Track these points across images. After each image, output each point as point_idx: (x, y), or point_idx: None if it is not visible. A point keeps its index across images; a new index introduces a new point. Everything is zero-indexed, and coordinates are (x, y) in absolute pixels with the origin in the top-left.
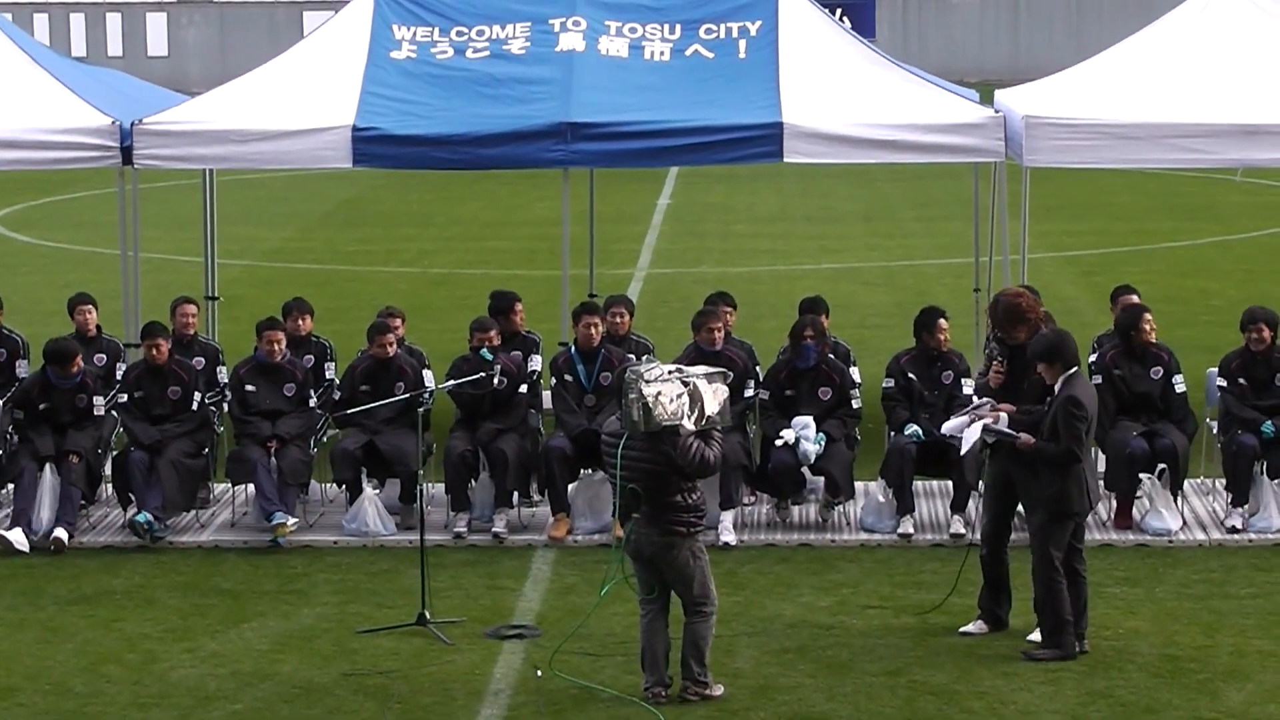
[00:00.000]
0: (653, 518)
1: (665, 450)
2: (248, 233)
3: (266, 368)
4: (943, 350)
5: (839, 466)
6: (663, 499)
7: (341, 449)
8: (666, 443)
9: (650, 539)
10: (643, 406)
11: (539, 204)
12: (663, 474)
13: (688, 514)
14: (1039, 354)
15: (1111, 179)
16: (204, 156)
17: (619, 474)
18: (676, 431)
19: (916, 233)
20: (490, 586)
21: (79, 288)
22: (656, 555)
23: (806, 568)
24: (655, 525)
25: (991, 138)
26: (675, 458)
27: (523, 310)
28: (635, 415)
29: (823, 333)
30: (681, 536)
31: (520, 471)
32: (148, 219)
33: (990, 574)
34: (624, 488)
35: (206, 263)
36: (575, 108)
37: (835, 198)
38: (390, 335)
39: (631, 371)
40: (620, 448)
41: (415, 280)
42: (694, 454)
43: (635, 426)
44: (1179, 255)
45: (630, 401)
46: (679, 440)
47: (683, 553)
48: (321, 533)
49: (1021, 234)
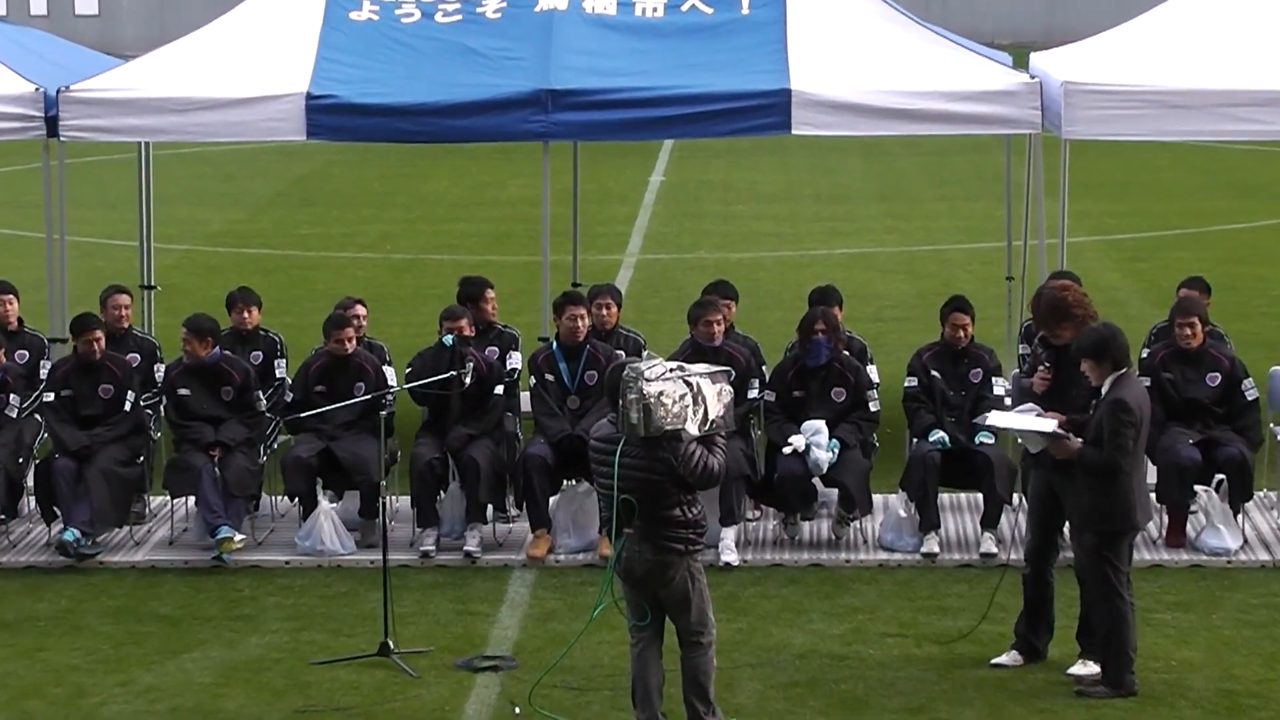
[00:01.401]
0: (647, 534)
1: (664, 457)
2: (188, 214)
3: (199, 369)
4: (969, 345)
5: (854, 477)
6: (659, 512)
7: (294, 457)
8: (666, 449)
9: (644, 557)
10: (643, 408)
11: (515, 182)
12: (660, 484)
13: (686, 530)
14: (1084, 351)
15: (1159, 153)
16: (139, 128)
17: (615, 483)
18: (678, 436)
19: (940, 214)
20: (461, 612)
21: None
22: (650, 576)
23: (817, 591)
24: (649, 542)
25: (1026, 107)
26: (676, 466)
27: (495, 299)
28: (634, 417)
29: (835, 326)
30: (679, 555)
31: (495, 482)
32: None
33: (1031, 596)
34: (618, 499)
35: (142, 248)
36: (556, 73)
37: (848, 174)
38: (349, 329)
39: (631, 369)
40: (619, 454)
41: (376, 267)
42: (697, 462)
43: (634, 430)
44: (1234, 239)
45: (629, 402)
46: (680, 446)
47: (680, 573)
48: (271, 551)
49: (1059, 215)
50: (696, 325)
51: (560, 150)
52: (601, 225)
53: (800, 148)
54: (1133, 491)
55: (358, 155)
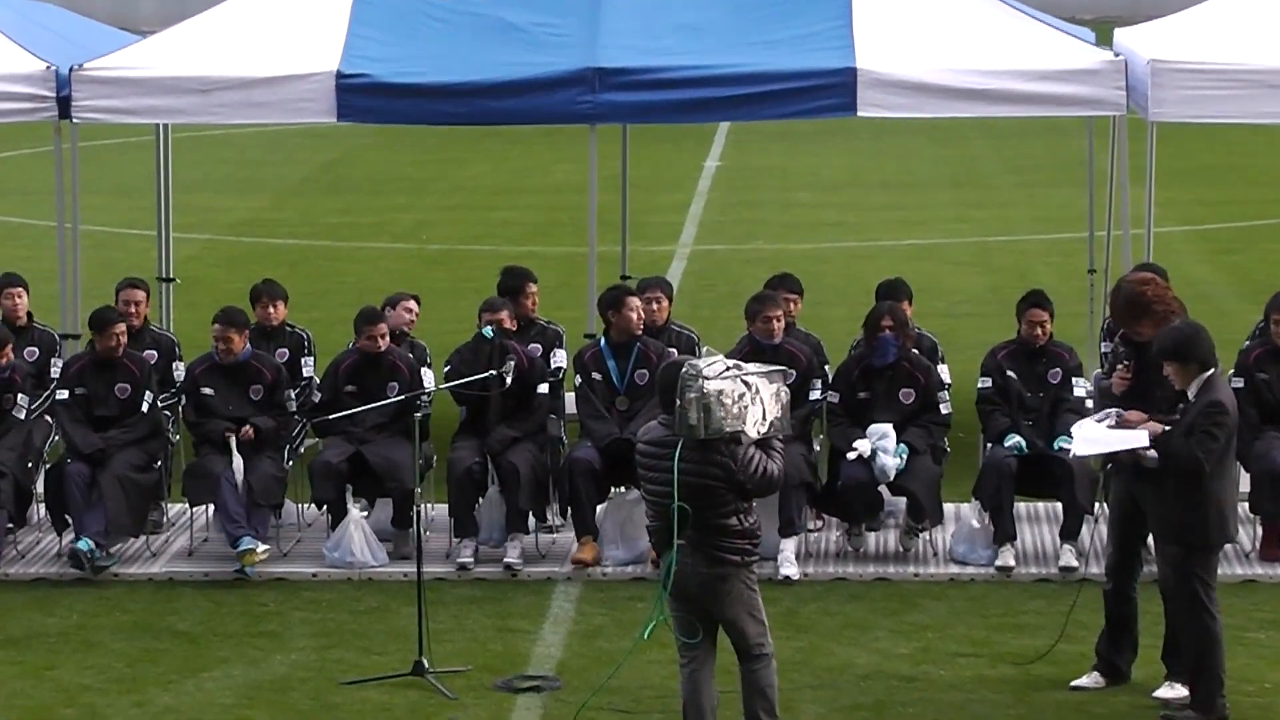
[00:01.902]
0: (699, 544)
1: (722, 461)
2: (209, 201)
3: (227, 368)
4: (1047, 343)
5: (924, 485)
6: (714, 521)
7: (322, 462)
8: (724, 453)
9: (697, 570)
10: (703, 407)
11: (559, 167)
12: (716, 490)
13: (743, 540)
14: (1167, 351)
15: (1253, 136)
16: (157, 109)
17: (675, 489)
18: (737, 439)
19: (1017, 202)
20: (501, 628)
21: (6, 267)
22: (705, 590)
23: (883, 607)
24: (702, 553)
25: (1110, 86)
26: (734, 471)
27: (537, 292)
28: (693, 418)
29: (904, 323)
30: (735, 567)
31: (537, 488)
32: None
33: (1114, 614)
34: (672, 507)
35: (159, 238)
36: (604, 50)
37: (918, 160)
38: (382, 325)
39: (690, 366)
40: (678, 457)
41: (410, 258)
42: (756, 466)
43: (692, 431)
44: None
45: (688, 401)
46: (739, 450)
47: (736, 586)
48: (298, 563)
49: (1146, 203)
50: (755, 321)
51: (608, 133)
52: (652, 214)
53: (866, 131)
54: (1222, 500)
55: (391, 139)
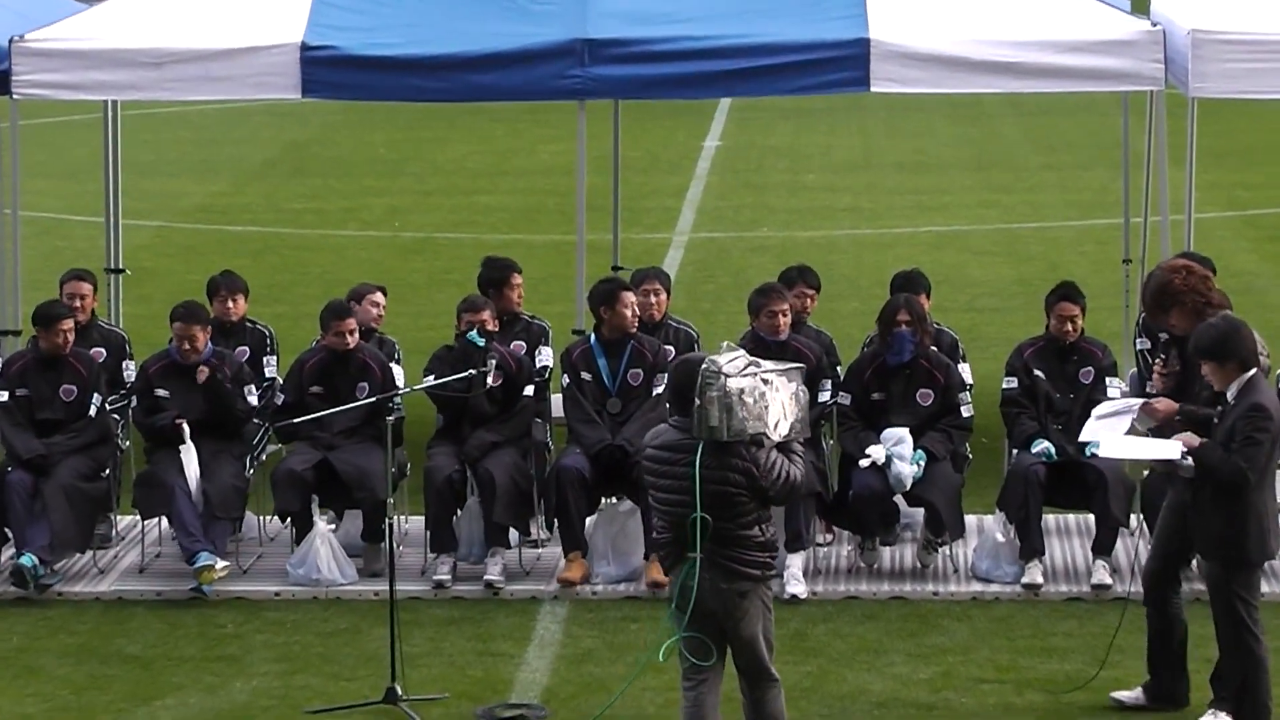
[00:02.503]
0: (718, 557)
1: (743, 466)
2: (162, 186)
3: (185, 367)
4: (1078, 340)
5: (944, 494)
6: (733, 532)
7: (286, 470)
8: (746, 457)
9: (715, 586)
10: (725, 407)
11: (546, 148)
12: (736, 498)
13: (763, 552)
14: (1203, 351)
15: None
16: (105, 84)
17: (697, 496)
18: (759, 442)
19: (1045, 185)
20: (482, 652)
21: None
22: (723, 608)
23: (900, 628)
24: (721, 567)
25: (1147, 59)
26: (757, 477)
27: (522, 285)
28: (714, 419)
29: (922, 317)
30: (755, 581)
31: (520, 499)
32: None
33: (1154, 629)
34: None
35: (108, 225)
36: (595, 19)
37: (937, 139)
38: (351, 320)
39: (710, 362)
40: (699, 464)
41: (382, 248)
42: (779, 472)
43: (713, 433)
44: None
45: (708, 400)
46: (762, 454)
47: (755, 603)
48: (259, 580)
49: (1186, 186)
50: (758, 316)
51: (599, 110)
52: (647, 199)
53: (881, 107)
54: (1263, 514)
55: (361, 117)
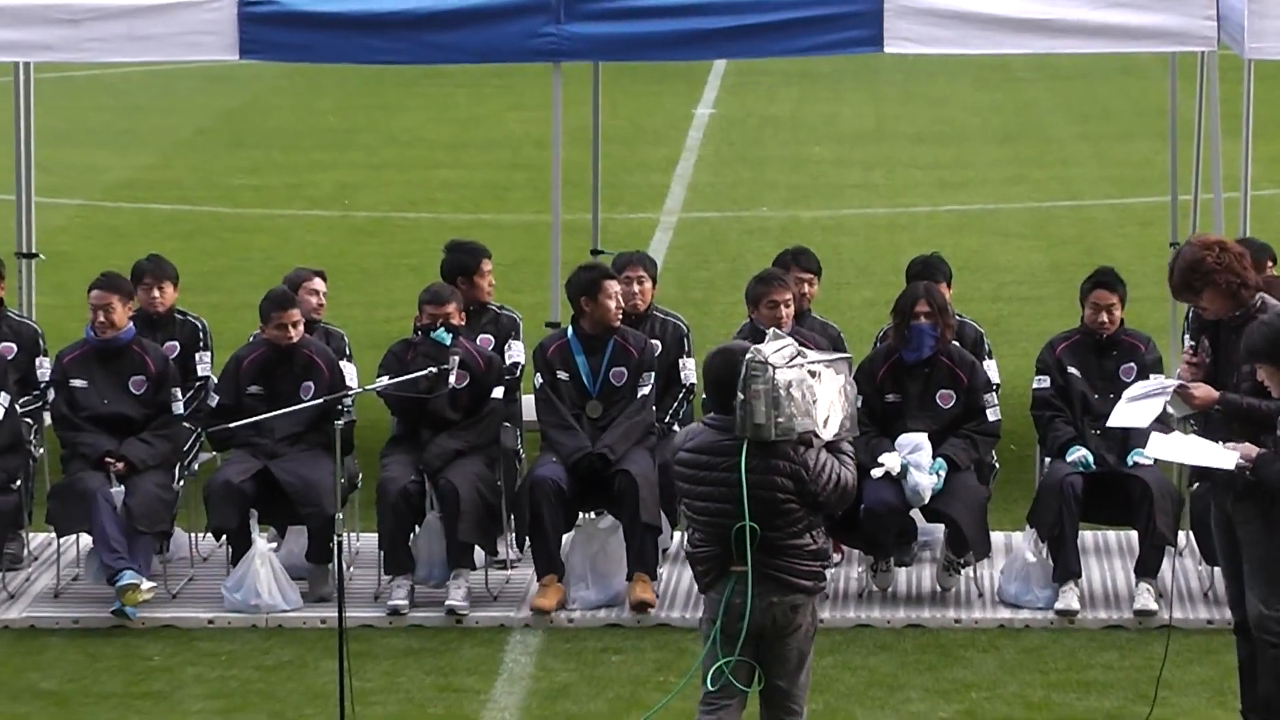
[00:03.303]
0: (766, 569)
1: (791, 469)
2: (81, 158)
3: (104, 352)
4: (1118, 333)
5: (967, 509)
6: (782, 541)
7: (221, 481)
8: (794, 458)
9: (765, 601)
10: (772, 402)
11: (516, 116)
12: (784, 504)
13: (816, 561)
14: (1257, 352)
15: None
16: (16, 44)
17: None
18: (809, 441)
19: (1081, 158)
20: (444, 687)
21: None
22: (775, 624)
23: (918, 660)
24: (771, 580)
25: (1198, 16)
26: (807, 480)
27: (491, 272)
28: (761, 415)
29: (943, 308)
30: (808, 594)
31: (484, 514)
32: None
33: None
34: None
35: (20, 204)
36: None
37: (958, 106)
38: (294, 311)
39: (755, 352)
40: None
41: (331, 229)
42: (830, 475)
43: (760, 431)
44: None
45: (754, 395)
46: (811, 455)
47: (806, 619)
48: (190, 606)
49: (1241, 160)
50: (758, 307)
51: (576, 74)
52: (631, 174)
53: (896, 71)
54: None
55: (307, 82)
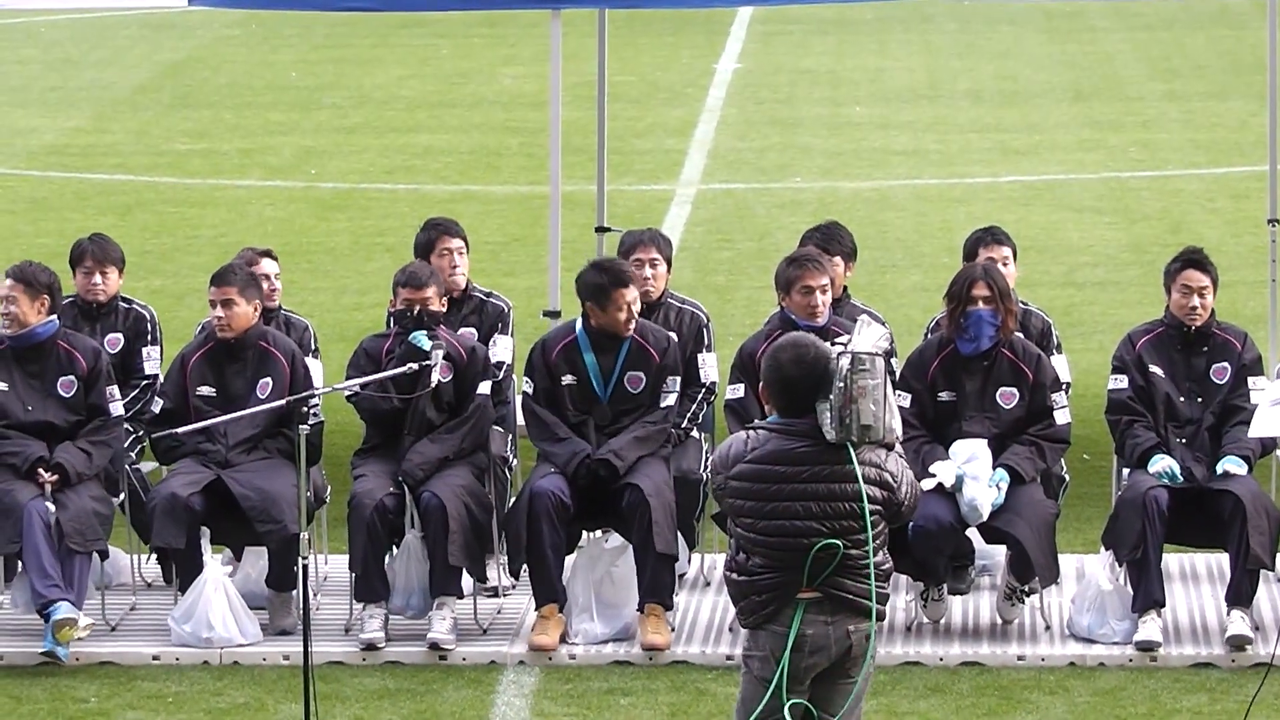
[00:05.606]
0: (841, 592)
1: (881, 477)
2: (5, 120)
3: (21, 351)
4: (1209, 325)
5: (1032, 528)
6: (860, 560)
7: (167, 495)
8: (879, 464)
9: (839, 629)
10: (878, 401)
11: (509, 70)
12: (871, 517)
13: (886, 583)
14: None
15: None
16: None
17: (866, 517)
18: (890, 445)
19: (1165, 120)
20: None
21: None
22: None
23: (975, 704)
24: (842, 605)
25: None
26: (894, 488)
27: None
28: (869, 416)
29: (1005, 293)
30: (879, 620)
31: (477, 533)
32: None
33: None
34: (811, 548)
35: None
36: None
37: (1024, 60)
38: (229, 289)
39: (847, 346)
40: (858, 476)
41: (293, 201)
42: (909, 483)
43: (867, 434)
44: None
45: (862, 391)
46: (890, 460)
47: (873, 649)
48: (132, 640)
49: None
50: (790, 293)
51: (578, 22)
52: (642, 138)
53: (951, 19)
54: None
55: (265, 31)
